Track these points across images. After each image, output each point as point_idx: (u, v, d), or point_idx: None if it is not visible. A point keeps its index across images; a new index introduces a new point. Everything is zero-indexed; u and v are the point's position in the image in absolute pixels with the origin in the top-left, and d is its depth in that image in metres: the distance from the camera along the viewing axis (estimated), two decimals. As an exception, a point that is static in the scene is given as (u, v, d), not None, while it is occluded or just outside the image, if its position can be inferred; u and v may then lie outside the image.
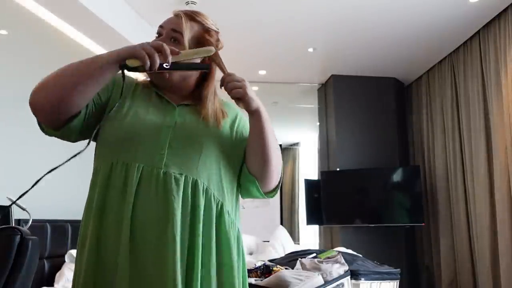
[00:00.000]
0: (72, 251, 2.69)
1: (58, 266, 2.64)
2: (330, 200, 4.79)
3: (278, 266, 2.77)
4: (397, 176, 4.75)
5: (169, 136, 1.03)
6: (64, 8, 2.97)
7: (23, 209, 2.04)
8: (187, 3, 3.48)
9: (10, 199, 2.01)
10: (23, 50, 2.86)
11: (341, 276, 2.95)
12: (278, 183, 1.15)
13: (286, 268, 2.76)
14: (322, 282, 2.80)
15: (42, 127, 1.05)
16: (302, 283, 2.47)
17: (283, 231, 4.84)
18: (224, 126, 1.11)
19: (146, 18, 3.75)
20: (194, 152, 1.03)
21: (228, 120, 1.13)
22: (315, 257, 3.17)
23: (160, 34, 1.11)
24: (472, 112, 4.08)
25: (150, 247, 0.94)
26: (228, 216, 1.05)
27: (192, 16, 1.11)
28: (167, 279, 0.92)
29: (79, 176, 3.23)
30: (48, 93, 0.96)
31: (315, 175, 5.18)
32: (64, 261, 2.67)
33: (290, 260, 3.15)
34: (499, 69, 3.69)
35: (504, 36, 3.64)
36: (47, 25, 3.11)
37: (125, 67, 0.96)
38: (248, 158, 1.11)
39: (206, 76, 1.13)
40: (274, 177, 1.11)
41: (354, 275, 3.15)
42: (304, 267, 2.85)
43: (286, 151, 7.54)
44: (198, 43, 1.10)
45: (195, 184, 1.00)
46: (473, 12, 3.66)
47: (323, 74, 5.13)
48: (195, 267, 0.96)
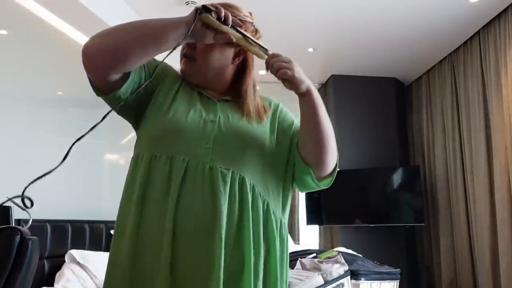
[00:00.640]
0: (72, 251, 2.69)
1: (58, 266, 2.64)
2: (330, 200, 4.79)
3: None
4: (397, 176, 4.75)
5: (214, 130, 1.01)
6: (64, 8, 2.97)
7: (23, 209, 2.04)
8: (187, 3, 3.49)
9: (10, 199, 2.01)
10: (23, 50, 2.86)
11: (341, 276, 2.96)
12: (334, 169, 1.08)
13: (286, 268, 2.76)
14: (322, 282, 2.80)
15: (94, 86, 1.03)
16: (302, 283, 2.47)
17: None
18: (267, 122, 1.08)
19: (146, 18, 3.75)
20: (239, 148, 1.01)
21: (270, 114, 1.11)
22: (315, 257, 3.17)
23: None
24: (472, 112, 4.08)
25: (194, 243, 0.93)
26: (274, 215, 1.02)
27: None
28: (212, 274, 0.90)
29: (79, 176, 3.23)
30: (109, 39, 0.95)
31: (315, 175, 5.17)
32: (64, 261, 2.67)
33: (290, 260, 3.15)
34: (499, 69, 3.69)
35: (504, 36, 3.64)
36: (47, 25, 3.11)
37: (199, 12, 0.94)
38: (302, 146, 1.05)
39: (243, 70, 1.11)
40: (330, 162, 1.05)
41: (354, 275, 3.15)
42: (304, 267, 2.85)
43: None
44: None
45: (242, 181, 0.98)
46: (473, 12, 3.66)
47: (323, 74, 5.13)
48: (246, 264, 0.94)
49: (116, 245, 0.99)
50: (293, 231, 5.42)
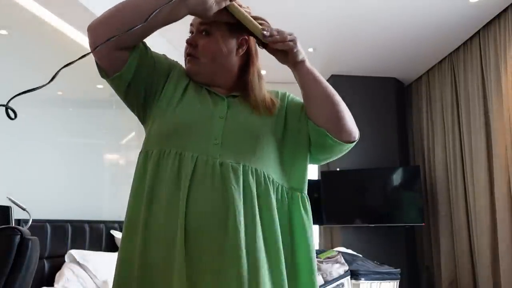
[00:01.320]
0: (72, 251, 2.69)
1: (58, 266, 2.64)
2: (330, 200, 4.79)
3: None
4: (397, 176, 4.75)
5: (222, 126, 1.01)
6: (64, 8, 2.97)
7: (23, 209, 2.04)
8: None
9: (10, 199, 2.01)
10: (23, 50, 2.86)
11: (341, 276, 2.96)
12: (357, 131, 1.08)
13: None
14: (322, 282, 2.80)
15: (99, 68, 1.04)
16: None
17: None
18: (276, 112, 1.09)
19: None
20: (249, 142, 1.02)
21: (279, 104, 1.11)
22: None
23: (191, 33, 1.10)
24: (472, 112, 4.08)
25: (207, 240, 0.92)
26: (292, 199, 1.04)
27: None
28: (231, 269, 0.90)
29: (79, 176, 3.24)
30: (109, 11, 0.98)
31: (315, 175, 5.18)
32: (64, 261, 2.67)
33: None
34: (499, 69, 3.69)
35: (504, 36, 3.64)
36: (47, 25, 3.11)
37: None
38: (311, 111, 1.06)
39: (248, 62, 1.11)
40: (346, 117, 1.05)
41: (354, 275, 3.15)
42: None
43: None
44: (231, 29, 1.07)
45: (255, 172, 0.99)
46: (473, 12, 3.66)
47: (323, 74, 5.06)
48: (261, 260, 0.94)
49: (127, 242, 0.99)
50: (293, 231, 5.42)
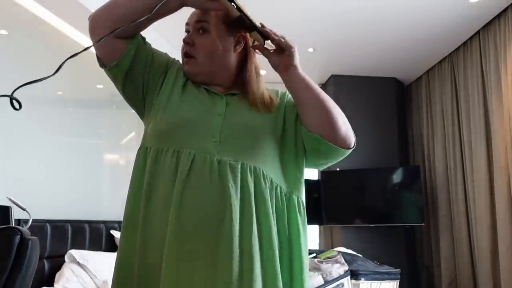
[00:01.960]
0: (72, 251, 2.69)
1: (58, 266, 2.64)
2: (330, 200, 4.79)
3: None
4: (397, 176, 4.75)
5: (220, 123, 1.01)
6: (64, 8, 2.97)
7: (23, 209, 2.04)
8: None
9: (10, 199, 2.01)
10: (23, 50, 2.86)
11: (341, 276, 2.96)
12: (353, 136, 1.08)
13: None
14: (322, 282, 2.80)
15: (98, 57, 1.05)
16: (302, 283, 2.46)
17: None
18: (275, 110, 1.09)
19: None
20: (248, 139, 1.02)
21: (278, 103, 1.11)
22: (315, 257, 3.18)
23: (187, 32, 1.10)
24: (472, 112, 4.08)
25: (202, 238, 0.92)
26: (291, 199, 1.04)
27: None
28: (223, 267, 0.90)
29: (79, 176, 3.23)
30: (108, 2, 1.00)
31: (315, 175, 5.17)
32: (64, 261, 2.67)
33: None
34: (499, 69, 3.69)
35: (504, 36, 3.64)
36: (47, 25, 3.11)
37: None
38: (303, 117, 1.05)
39: (245, 59, 1.11)
40: (339, 124, 1.04)
41: (354, 275, 3.15)
42: (304, 267, 2.85)
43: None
44: (228, 27, 1.07)
45: (254, 170, 0.98)
46: (473, 12, 3.66)
47: (323, 74, 5.13)
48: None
49: (127, 241, 0.99)
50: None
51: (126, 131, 3.96)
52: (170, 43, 3.79)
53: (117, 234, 3.17)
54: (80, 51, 0.88)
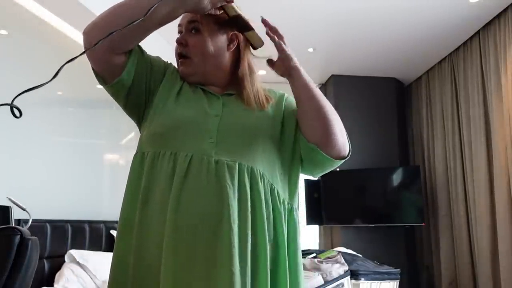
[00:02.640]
0: (72, 251, 2.69)
1: (58, 266, 2.64)
2: (330, 200, 4.79)
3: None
4: (397, 176, 4.75)
5: (217, 124, 1.01)
6: (64, 8, 2.97)
7: (23, 209, 2.04)
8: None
9: (10, 199, 2.01)
10: (23, 50, 2.86)
11: (341, 276, 2.96)
12: (348, 146, 1.08)
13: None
14: (322, 282, 2.80)
15: (97, 75, 1.03)
16: (302, 283, 2.46)
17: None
18: (270, 110, 1.08)
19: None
20: (245, 139, 1.01)
21: (274, 103, 1.10)
22: (315, 257, 3.18)
23: (180, 32, 1.10)
24: (472, 112, 4.08)
25: (198, 238, 0.92)
26: (283, 204, 1.03)
27: None
28: (222, 269, 0.89)
29: (79, 176, 3.23)
30: (102, 14, 0.97)
31: (315, 175, 5.18)
32: (64, 261, 2.68)
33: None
34: (499, 69, 3.69)
35: (504, 36, 3.64)
36: (47, 25, 3.11)
37: None
38: (302, 124, 1.05)
39: (239, 58, 1.11)
40: (337, 134, 1.03)
41: (354, 275, 3.15)
42: (304, 267, 2.85)
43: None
44: (220, 26, 1.07)
45: (251, 171, 0.98)
46: (473, 12, 3.66)
47: (323, 74, 5.13)
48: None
49: (122, 242, 0.99)
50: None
51: (126, 131, 3.96)
52: (170, 44, 3.79)
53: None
54: (78, 55, 0.87)
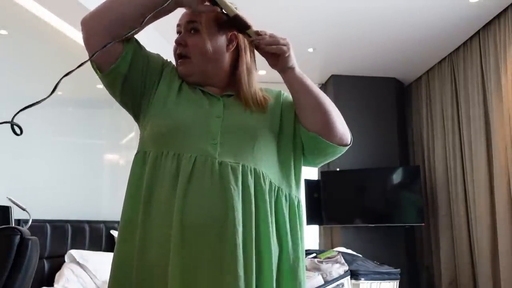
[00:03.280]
0: (72, 251, 2.69)
1: (58, 266, 2.64)
2: (330, 200, 4.79)
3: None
4: (397, 176, 4.75)
5: (220, 125, 1.01)
6: (64, 8, 2.97)
7: (23, 209, 2.04)
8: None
9: (10, 199, 2.01)
10: (23, 50, 2.86)
11: (341, 276, 2.96)
12: (349, 134, 1.10)
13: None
14: (322, 282, 2.80)
15: (94, 66, 1.03)
16: (302, 283, 2.46)
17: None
18: (269, 109, 1.08)
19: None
20: (247, 140, 1.01)
21: (272, 102, 1.11)
22: (315, 257, 3.18)
23: (179, 33, 1.10)
24: (472, 112, 4.08)
25: (203, 239, 0.92)
26: (287, 201, 1.04)
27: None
28: (229, 270, 0.90)
29: (79, 176, 3.23)
30: (101, 5, 0.99)
31: (315, 175, 5.17)
32: (64, 261, 2.67)
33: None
34: (499, 69, 3.69)
35: (504, 36, 3.64)
36: (47, 25, 3.11)
37: None
38: (302, 117, 1.07)
39: (238, 58, 1.11)
40: (336, 123, 1.05)
41: (354, 275, 3.15)
42: (304, 267, 2.85)
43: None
44: (220, 26, 1.07)
45: (254, 172, 0.98)
46: (473, 12, 3.66)
47: (323, 74, 5.13)
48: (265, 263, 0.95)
49: (124, 244, 0.99)
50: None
51: (126, 131, 3.96)
52: (170, 43, 3.79)
53: (116, 234, 3.17)
54: (75, 68, 0.87)
